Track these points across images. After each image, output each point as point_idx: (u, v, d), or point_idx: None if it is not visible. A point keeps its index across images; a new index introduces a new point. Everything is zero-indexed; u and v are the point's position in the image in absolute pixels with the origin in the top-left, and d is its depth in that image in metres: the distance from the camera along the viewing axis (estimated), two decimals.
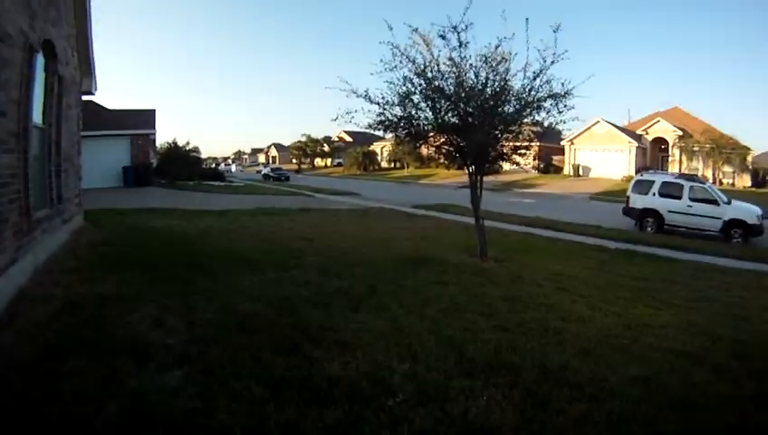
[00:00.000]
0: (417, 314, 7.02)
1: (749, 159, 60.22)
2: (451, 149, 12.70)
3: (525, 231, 19.80)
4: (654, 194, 23.09)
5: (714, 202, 21.84)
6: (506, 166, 15.50)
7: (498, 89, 11.70)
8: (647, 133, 66.70)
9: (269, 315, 6.61)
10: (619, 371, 5.43)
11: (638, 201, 23.62)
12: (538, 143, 14.67)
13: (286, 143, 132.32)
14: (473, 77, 11.73)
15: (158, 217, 17.90)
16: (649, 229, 22.78)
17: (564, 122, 12.05)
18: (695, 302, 9.62)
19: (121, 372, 4.63)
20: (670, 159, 65.38)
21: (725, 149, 59.66)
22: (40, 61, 9.03)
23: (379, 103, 11.91)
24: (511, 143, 12.80)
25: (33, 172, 8.55)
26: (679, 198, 22.45)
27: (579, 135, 63.83)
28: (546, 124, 12.39)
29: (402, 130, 12.37)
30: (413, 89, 11.91)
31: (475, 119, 11.59)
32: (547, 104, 11.93)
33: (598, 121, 64.10)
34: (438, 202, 29.22)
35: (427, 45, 11.72)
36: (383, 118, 12.03)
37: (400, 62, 11.79)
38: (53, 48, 9.92)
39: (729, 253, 17.23)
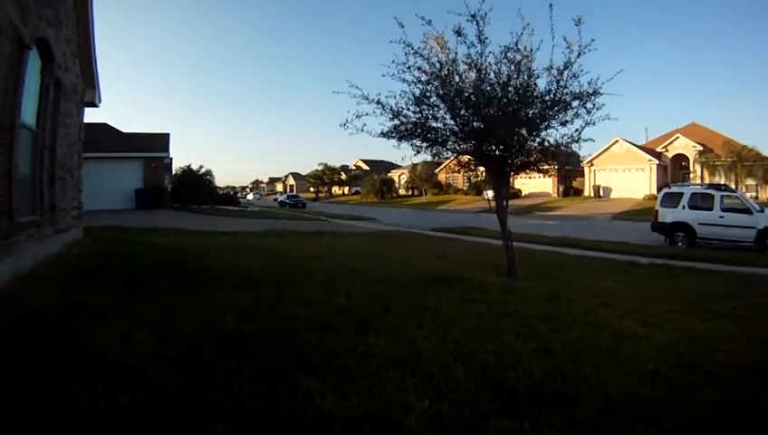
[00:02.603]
0: (438, 335, 5.82)
1: None
2: (472, 159, 11.88)
3: (552, 250, 18.64)
4: (684, 207, 21.98)
5: (746, 211, 20.69)
6: (526, 190, 14.75)
7: (521, 90, 10.66)
8: (666, 151, 65.99)
9: (256, 336, 5.51)
10: (699, 396, 4.31)
11: (667, 215, 22.45)
12: (556, 167, 13.82)
13: (304, 172, 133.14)
14: (493, 76, 10.74)
15: (161, 235, 17.23)
16: (680, 244, 21.69)
17: (594, 123, 11.04)
18: (750, 310, 8.55)
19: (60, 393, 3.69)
20: (691, 175, 64.59)
21: (747, 162, 58.84)
22: (34, 60, 8.81)
23: (392, 109, 10.98)
24: (536, 144, 11.63)
25: (20, 174, 8.31)
26: (710, 209, 21.34)
27: (598, 156, 63.18)
28: (574, 130, 11.35)
29: (418, 137, 11.29)
30: (429, 89, 10.91)
31: (498, 122, 10.50)
32: (575, 104, 10.88)
33: (616, 141, 63.57)
34: (458, 225, 28.24)
35: (442, 47, 10.77)
36: (397, 123, 11.09)
37: (414, 62, 10.86)
38: (50, 50, 9.54)
39: (764, 263, 16.24)
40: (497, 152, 11.30)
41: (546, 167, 12.08)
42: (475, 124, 10.95)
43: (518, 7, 10.60)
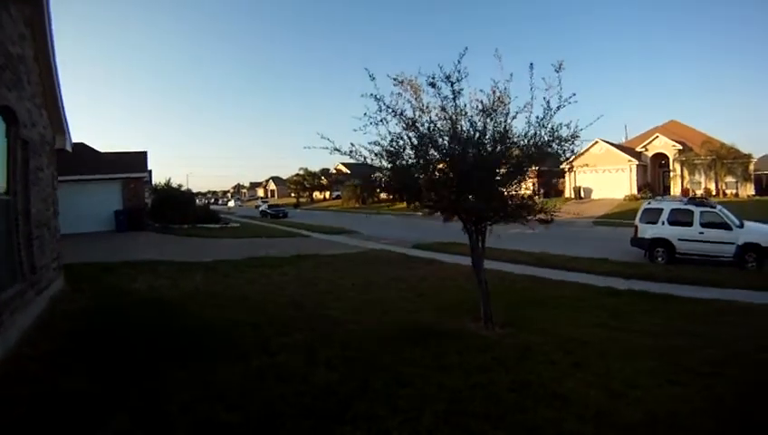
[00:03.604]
0: (412, 422, 6.01)
1: (751, 167, 60.33)
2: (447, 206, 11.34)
3: (531, 273, 18.94)
4: (663, 223, 22.52)
5: (726, 226, 21.15)
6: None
7: (498, 136, 10.60)
8: (646, 150, 66.62)
9: (246, 431, 5.77)
10: None
11: (647, 231, 23.01)
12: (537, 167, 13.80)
13: (284, 176, 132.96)
14: (468, 127, 10.71)
15: (144, 275, 17.21)
16: (660, 259, 22.26)
17: (572, 169, 11.12)
18: (721, 365, 8.55)
19: None
20: (671, 174, 65.41)
21: (727, 160, 59.63)
22: None
23: (365, 161, 11.04)
24: (514, 190, 11.51)
25: None
26: (690, 224, 21.88)
27: (577, 157, 63.33)
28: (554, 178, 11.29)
29: (394, 190, 11.48)
30: (403, 143, 10.88)
31: (474, 172, 10.32)
32: (553, 147, 10.78)
33: (596, 142, 63.88)
34: (437, 240, 28.24)
35: (416, 92, 10.68)
36: (371, 177, 11.14)
37: (386, 115, 10.74)
38: (14, 113, 9.42)
39: (743, 283, 16.82)
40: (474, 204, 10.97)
41: (527, 215, 11.31)
42: (450, 175, 10.84)
43: (495, 48, 10.47)
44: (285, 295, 14.43)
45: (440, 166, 10.94)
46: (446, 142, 10.74)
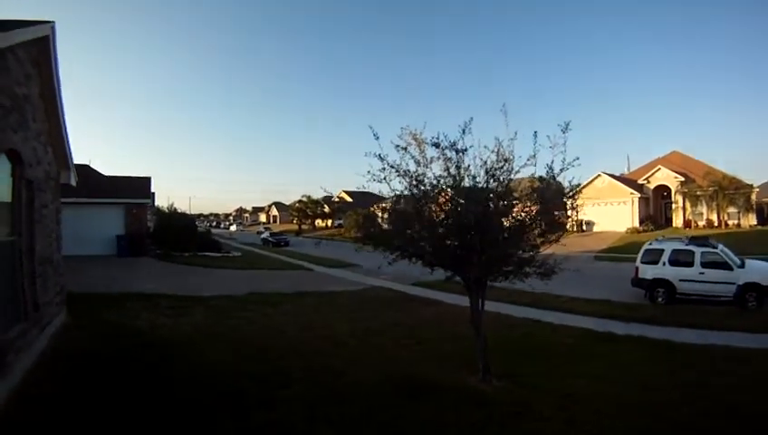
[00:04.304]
0: None
1: (753, 196, 60.50)
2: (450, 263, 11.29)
3: (531, 316, 19.24)
4: (664, 263, 22.62)
5: (726, 266, 21.18)
6: None
7: (500, 192, 10.62)
8: (648, 182, 66.93)
9: None
10: None
11: (647, 272, 23.06)
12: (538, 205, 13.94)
13: (287, 202, 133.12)
14: (471, 184, 10.68)
15: (146, 312, 17.37)
16: (660, 300, 22.25)
17: (574, 227, 11.18)
18: (715, 419, 8.65)
19: None
20: (673, 206, 65.56)
21: (729, 190, 59.85)
22: (2, 163, 8.98)
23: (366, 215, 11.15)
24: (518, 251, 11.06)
25: (1, 290, 8.43)
26: (691, 264, 21.93)
27: (580, 190, 63.27)
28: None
29: (395, 249, 11.15)
30: (404, 201, 11.10)
31: (476, 235, 10.35)
32: (555, 203, 10.97)
33: (598, 175, 64.35)
34: (436, 277, 28.13)
35: (420, 146, 10.74)
36: (372, 230, 11.19)
37: (389, 174, 10.83)
38: (19, 154, 9.56)
39: (742, 325, 16.92)
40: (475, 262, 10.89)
41: (528, 270, 11.08)
42: (453, 230, 10.83)
43: (502, 103, 10.47)
44: (286, 340, 14.47)
45: (443, 222, 10.95)
46: (448, 200, 10.84)
